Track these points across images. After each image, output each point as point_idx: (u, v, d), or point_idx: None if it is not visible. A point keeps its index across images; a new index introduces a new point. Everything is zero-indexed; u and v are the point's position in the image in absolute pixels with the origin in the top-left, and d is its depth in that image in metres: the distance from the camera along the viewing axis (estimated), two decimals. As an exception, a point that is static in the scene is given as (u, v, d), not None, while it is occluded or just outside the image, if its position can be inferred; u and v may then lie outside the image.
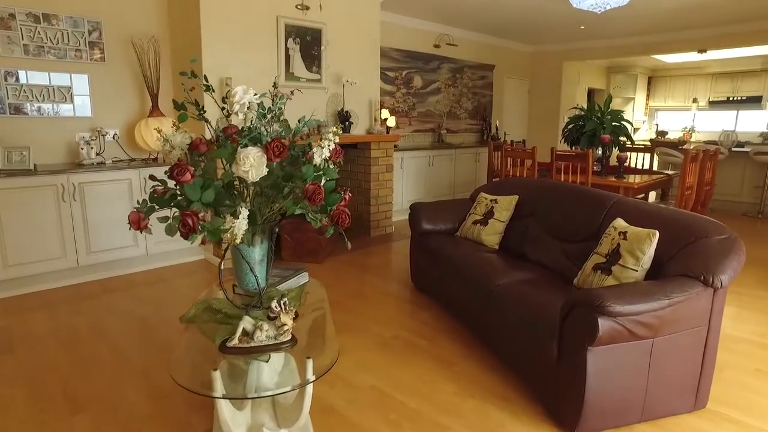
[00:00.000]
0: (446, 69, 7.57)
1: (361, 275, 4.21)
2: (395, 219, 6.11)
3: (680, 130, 11.70)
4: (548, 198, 3.19)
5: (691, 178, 4.32)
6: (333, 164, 2.13)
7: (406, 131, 7.12)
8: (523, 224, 3.32)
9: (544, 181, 3.40)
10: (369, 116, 5.55)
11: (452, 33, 7.42)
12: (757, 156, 6.84)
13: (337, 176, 2.12)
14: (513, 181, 3.72)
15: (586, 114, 4.94)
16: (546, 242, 3.03)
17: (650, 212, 2.44)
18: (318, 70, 5.02)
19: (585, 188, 2.99)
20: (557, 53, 8.78)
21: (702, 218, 2.23)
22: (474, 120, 8.20)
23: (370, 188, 5.49)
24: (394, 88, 6.87)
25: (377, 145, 5.46)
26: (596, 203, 2.75)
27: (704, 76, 11.29)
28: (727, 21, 6.74)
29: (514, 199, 3.41)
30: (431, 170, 6.80)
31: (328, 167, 2.07)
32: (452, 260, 3.13)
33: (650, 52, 7.92)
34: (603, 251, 2.32)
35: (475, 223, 3.52)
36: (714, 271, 1.93)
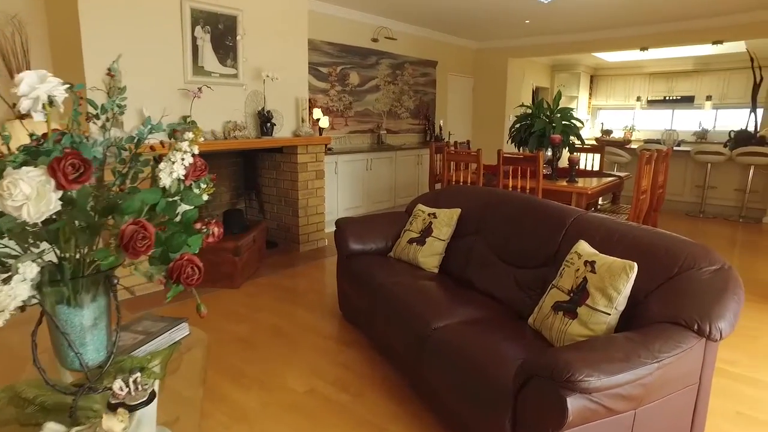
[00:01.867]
0: (386, 65, 7.03)
1: (281, 303, 3.57)
2: (329, 230, 5.48)
3: (621, 129, 11.75)
4: (496, 212, 2.68)
5: (645, 181, 3.97)
6: (199, 185, 1.51)
7: (342, 132, 6.52)
8: (466, 243, 2.80)
9: (491, 192, 2.90)
10: (296, 116, 4.90)
11: (391, 26, 6.89)
12: (698, 155, 6.73)
13: (205, 201, 1.50)
14: (455, 189, 3.20)
15: (534, 112, 4.52)
16: (494, 266, 2.52)
17: (620, 233, 1.95)
18: (234, 64, 4.33)
19: (539, 201, 2.49)
20: (502, 50, 8.44)
21: (684, 242, 1.76)
22: (416, 119, 7.71)
23: (298, 198, 4.84)
24: (328, 85, 6.26)
25: (305, 148, 4.82)
26: (553, 220, 2.26)
27: (642, 76, 11.37)
28: (668, 19, 6.58)
29: (455, 213, 2.88)
30: (370, 174, 6.23)
31: (188, 191, 1.43)
32: (382, 291, 2.56)
33: (594, 50, 7.71)
34: (565, 285, 1.81)
35: (411, 242, 2.97)
36: (710, 317, 1.45)
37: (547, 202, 2.43)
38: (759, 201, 6.56)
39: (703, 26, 6.61)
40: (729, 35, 6.51)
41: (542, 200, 2.48)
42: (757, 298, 3.62)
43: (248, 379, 2.55)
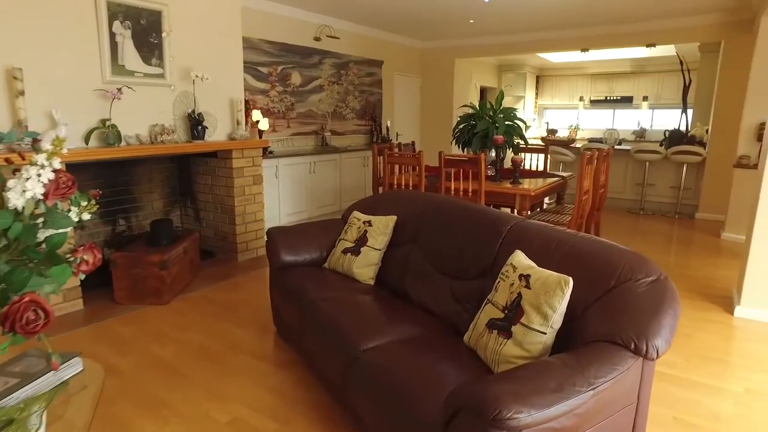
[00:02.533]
0: (329, 64, 6.83)
1: (212, 320, 3.31)
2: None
3: (567, 128, 12.04)
4: (432, 219, 2.55)
5: (587, 181, 3.97)
6: (78, 203, 1.28)
7: (284, 134, 6.27)
8: (403, 253, 2.66)
9: (429, 197, 2.76)
10: (231, 118, 4.63)
11: (334, 24, 6.69)
12: (637, 154, 6.92)
13: (77, 223, 1.27)
14: (393, 195, 3.05)
15: (477, 113, 4.44)
16: (430, 277, 2.38)
17: (557, 241, 1.85)
18: (160, 63, 4.01)
19: (476, 207, 2.37)
20: (448, 50, 8.41)
21: (622, 252, 1.68)
22: (362, 120, 7.54)
23: (234, 204, 4.57)
24: (268, 85, 5.99)
25: (240, 152, 4.56)
26: (489, 228, 2.14)
27: (585, 77, 11.70)
28: (606, 22, 6.72)
29: (391, 221, 2.73)
30: (313, 178, 6.01)
31: (53, 212, 1.21)
32: (312, 308, 2.37)
33: (538, 50, 7.80)
34: (500, 301, 1.69)
35: (346, 252, 2.80)
36: (647, 334, 1.36)
37: (484, 208, 2.32)
38: (692, 197, 6.81)
39: (638, 29, 6.79)
40: (661, 39, 6.73)
41: (479, 207, 2.36)
42: (692, 295, 3.68)
43: (168, 410, 2.30)
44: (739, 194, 5.33)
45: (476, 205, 2.40)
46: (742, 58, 6.03)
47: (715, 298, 3.59)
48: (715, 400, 2.33)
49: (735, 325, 3.14)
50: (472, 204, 2.44)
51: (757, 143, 5.33)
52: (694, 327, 3.10)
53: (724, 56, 6.36)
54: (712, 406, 2.29)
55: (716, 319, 3.22)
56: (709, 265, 4.44)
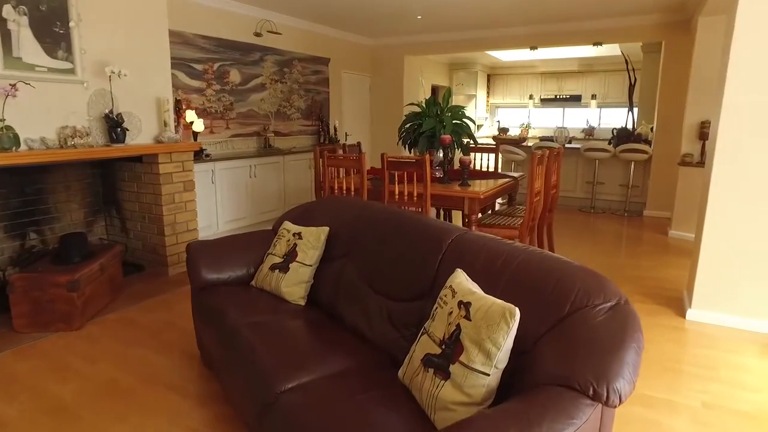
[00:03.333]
0: (271, 62, 6.45)
1: (129, 347, 2.92)
2: (208, 248, 4.83)
3: (518, 126, 12.10)
4: (367, 230, 2.28)
5: (538, 182, 3.82)
6: None
7: (223, 136, 5.86)
8: (336, 268, 2.38)
9: (365, 205, 2.50)
10: (158, 119, 4.21)
11: (276, 19, 6.32)
12: (587, 152, 6.92)
13: None
14: (328, 202, 2.76)
15: (423, 111, 4.22)
16: (365, 297, 2.11)
17: (504, 257, 1.62)
18: (68, 57, 3.56)
19: (413, 217, 2.12)
20: (397, 47, 8.19)
21: (576, 271, 1.46)
22: (309, 120, 7.21)
23: (163, 213, 4.16)
24: (204, 83, 5.57)
25: (168, 156, 4.15)
26: (428, 242, 1.89)
27: (535, 75, 11.78)
28: (554, 20, 6.68)
29: (323, 233, 2.45)
30: (255, 182, 5.64)
31: None
32: (231, 334, 2.06)
33: (487, 48, 7.70)
34: (437, 333, 1.44)
35: (273, 269, 2.49)
36: (608, 377, 1.13)
37: (422, 219, 2.07)
38: (640, 195, 6.87)
39: (584, 28, 6.79)
40: (606, 38, 6.75)
41: (417, 216, 2.12)
42: (644, 298, 3.58)
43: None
44: (683, 192, 5.37)
45: (414, 215, 2.16)
46: (682, 59, 6.11)
47: (667, 300, 3.51)
48: (673, 419, 2.18)
49: (687, 329, 3.05)
50: (410, 213, 2.19)
51: (699, 141, 5.38)
52: (647, 335, 2.97)
53: (665, 56, 6.44)
54: (671, 427, 2.13)
55: (669, 324, 3.12)
56: (659, 265, 4.39)
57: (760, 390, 2.38)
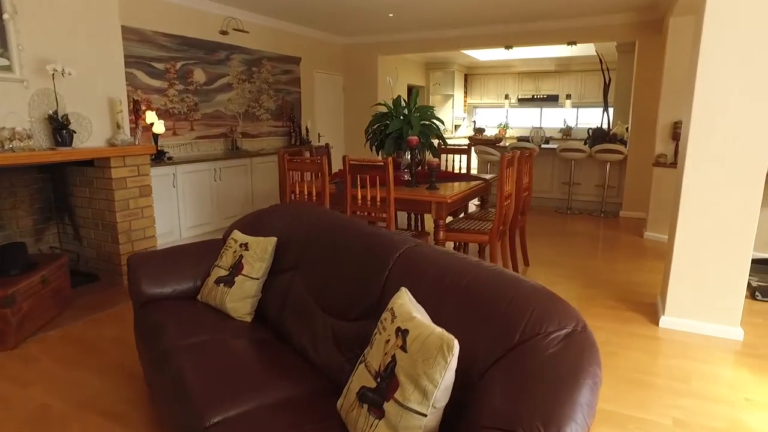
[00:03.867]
0: (239, 61, 6.23)
1: (68, 368, 2.70)
2: (168, 256, 4.61)
3: (496, 126, 12.05)
4: (315, 241, 2.11)
5: (509, 185, 3.69)
6: None
7: (188, 138, 5.62)
8: (284, 282, 2.20)
9: (315, 213, 2.32)
10: (110, 121, 3.98)
11: (242, 17, 6.11)
12: (563, 153, 6.84)
13: None
14: (279, 210, 2.58)
15: (390, 112, 4.06)
16: (312, 315, 1.94)
17: (454, 274, 1.47)
18: (4, 53, 3.32)
19: (363, 228, 1.96)
20: (371, 46, 8.03)
21: (530, 291, 1.30)
22: (279, 121, 7.00)
23: (117, 220, 3.93)
24: (166, 83, 5.33)
25: (122, 160, 3.92)
26: (375, 255, 1.73)
27: (512, 75, 11.73)
28: (528, 19, 6.59)
29: (270, 243, 2.27)
30: (220, 186, 5.42)
31: None
32: (164, 357, 1.87)
33: (462, 47, 7.58)
34: (373, 363, 1.28)
35: (219, 282, 2.31)
36: (558, 422, 0.98)
37: (373, 230, 1.91)
38: (616, 196, 6.82)
39: (559, 27, 6.72)
40: (580, 37, 6.69)
41: (368, 227, 1.95)
42: (617, 303, 3.48)
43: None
44: (658, 193, 5.31)
45: (366, 225, 1.99)
46: (655, 59, 6.07)
47: (640, 306, 3.41)
48: (644, 437, 2.06)
49: (660, 338, 2.94)
50: (361, 223, 2.02)
51: (673, 142, 5.32)
52: (620, 344, 2.86)
53: (638, 56, 6.40)
54: (641, 445, 2.01)
55: (642, 332, 3.01)
56: (633, 269, 4.30)
57: (731, 403, 2.27)
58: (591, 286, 3.85)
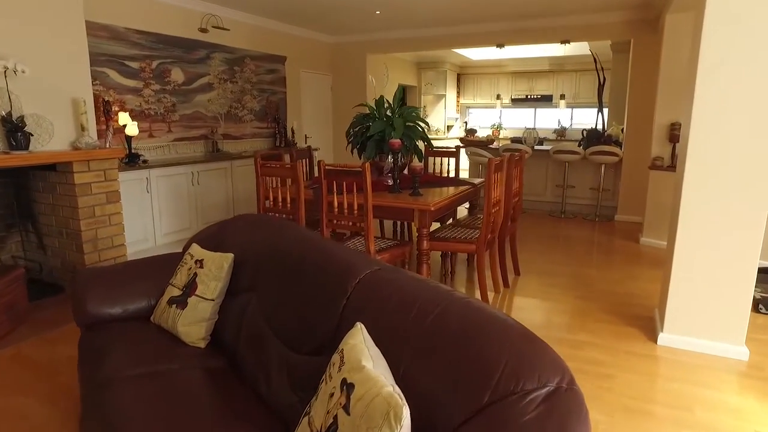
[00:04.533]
0: (220, 60, 5.99)
1: (12, 393, 2.46)
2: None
3: (489, 127, 11.84)
4: (274, 259, 1.87)
5: (497, 191, 3.47)
6: None
7: (165, 140, 5.38)
8: (240, 304, 1.97)
9: (276, 226, 2.09)
10: (74, 123, 3.73)
11: (222, 14, 5.86)
12: (556, 155, 6.63)
13: None
14: (241, 221, 2.35)
15: (372, 113, 3.84)
16: (267, 345, 1.71)
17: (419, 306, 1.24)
18: (-46, 49, 3.07)
19: (323, 247, 1.73)
20: (359, 45, 7.80)
21: (506, 334, 1.07)
22: (263, 123, 6.75)
23: (81, 229, 3.69)
24: (141, 83, 5.08)
25: (86, 164, 3.68)
26: (333, 281, 1.50)
27: (506, 75, 11.53)
28: (521, 17, 6.38)
29: (226, 260, 2.03)
30: (198, 190, 5.17)
31: None
32: (98, 392, 1.64)
33: (452, 45, 7.36)
34: (316, 420, 1.05)
35: (171, 303, 2.07)
36: None
37: (334, 248, 1.68)
38: (611, 199, 6.62)
39: (552, 25, 6.51)
40: (574, 36, 6.49)
41: (329, 243, 1.72)
42: (613, 318, 3.26)
43: None
44: (654, 197, 5.10)
45: (328, 242, 1.76)
46: (650, 58, 5.87)
47: (637, 321, 3.19)
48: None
49: (659, 357, 2.72)
50: (324, 240, 1.79)
51: (670, 144, 5.12)
52: (616, 364, 2.64)
53: (634, 55, 6.21)
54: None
55: (639, 350, 2.79)
56: (629, 278, 4.09)
57: (740, 435, 2.06)
58: (585, 297, 3.63)
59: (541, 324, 3.18)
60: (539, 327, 3.13)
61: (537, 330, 3.07)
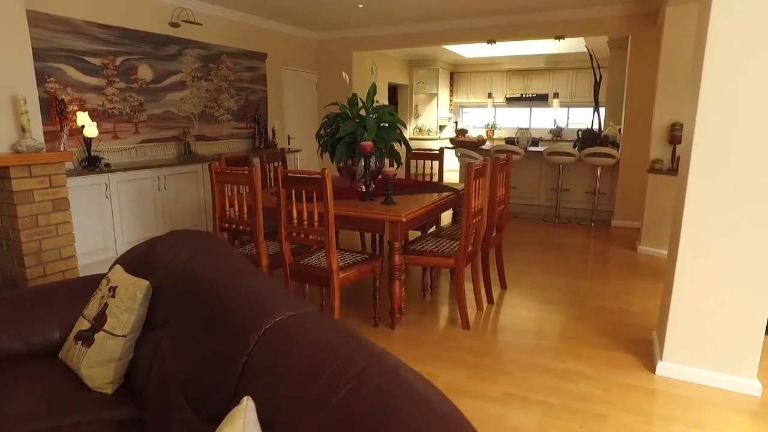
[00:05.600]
0: (193, 56, 5.65)
1: None
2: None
3: (483, 127, 11.52)
4: (190, 290, 1.53)
5: (479, 199, 3.14)
6: None
7: (131, 142, 5.03)
8: (154, 342, 1.63)
9: (201, 247, 1.76)
10: (14, 124, 3.39)
11: (196, 8, 5.53)
12: (550, 156, 6.30)
13: None
14: (170, 239, 2.00)
15: (344, 112, 3.50)
16: (171, 398, 1.37)
17: (322, 379, 0.91)
18: None
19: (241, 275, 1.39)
20: (344, 41, 7.46)
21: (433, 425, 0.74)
22: (242, 123, 6.41)
23: (21, 240, 3.35)
24: (104, 80, 4.74)
25: (26, 170, 3.33)
26: (235, 329, 1.16)
27: (500, 73, 11.20)
28: (512, 11, 6.05)
29: (140, 289, 1.70)
30: (165, 195, 4.83)
31: None
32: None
33: (441, 42, 7.03)
34: None
35: (78, 339, 1.74)
36: None
37: (249, 282, 1.34)
38: (607, 203, 6.29)
39: (545, 20, 6.18)
40: (569, 31, 6.15)
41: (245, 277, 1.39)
42: (608, 342, 2.92)
43: None
44: (653, 202, 4.77)
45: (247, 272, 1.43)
46: (649, 54, 5.55)
47: (634, 345, 2.86)
48: None
49: (658, 391, 2.39)
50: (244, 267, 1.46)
51: (670, 146, 4.79)
52: (609, 401, 2.30)
53: (632, 52, 5.88)
54: None
55: (635, 383, 2.46)
56: (626, 291, 3.76)
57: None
58: (577, 316, 3.30)
59: (526, 348, 2.84)
60: (524, 352, 2.79)
61: (521, 356, 2.74)
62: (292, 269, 2.88)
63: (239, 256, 1.69)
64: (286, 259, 2.85)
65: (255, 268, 1.55)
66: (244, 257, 1.71)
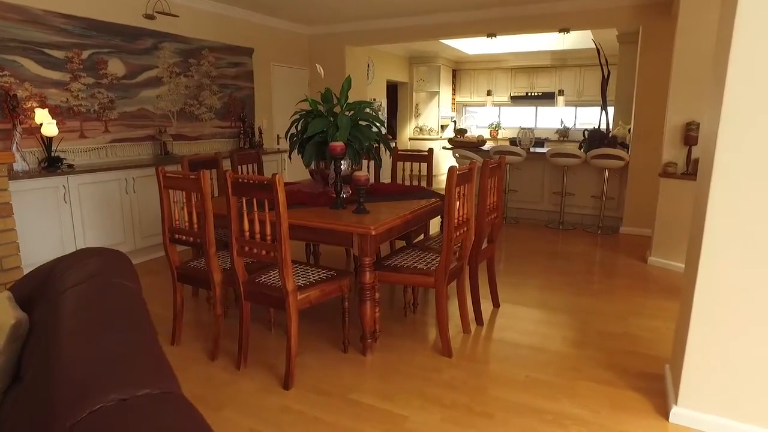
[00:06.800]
0: (171, 51, 5.30)
1: None
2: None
3: (487, 127, 11.10)
4: (39, 339, 1.16)
5: (464, 208, 2.74)
6: None
7: (100, 141, 4.69)
8: (10, 398, 1.25)
9: (88, 273, 1.39)
10: (-50, 119, 3.05)
11: None
12: (554, 158, 5.87)
13: None
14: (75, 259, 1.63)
15: (315, 109, 3.12)
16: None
17: None
18: None
19: (89, 324, 1.02)
20: (337, 36, 7.08)
21: None
22: (226, 121, 6.05)
23: (-47, 251, 3.01)
24: (68, 75, 4.39)
25: (-42, 172, 2.99)
26: (44, 414, 0.79)
27: (504, 71, 10.76)
28: (515, 2, 5.62)
29: (7, 323, 1.31)
30: (134, 199, 4.48)
31: None
32: None
33: (438, 36, 6.62)
34: None
35: None
36: None
37: (91, 339, 0.97)
38: (615, 209, 5.85)
39: (549, 11, 5.75)
40: (575, 23, 5.72)
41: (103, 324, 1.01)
42: (614, 377, 2.50)
43: None
44: (665, 209, 4.34)
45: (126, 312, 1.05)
46: (662, 48, 5.11)
47: (643, 382, 2.44)
48: None
49: (671, 444, 1.98)
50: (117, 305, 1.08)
51: (684, 147, 4.35)
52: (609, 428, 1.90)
53: (642, 45, 5.43)
54: None
55: (644, 432, 2.05)
56: (635, 312, 3.34)
57: None
58: (579, 343, 2.88)
59: (515, 383, 2.44)
60: (511, 388, 2.39)
61: (508, 393, 2.34)
62: (246, 289, 2.50)
63: (129, 293, 1.31)
64: (239, 277, 2.47)
65: (139, 312, 1.17)
66: (139, 294, 1.33)
